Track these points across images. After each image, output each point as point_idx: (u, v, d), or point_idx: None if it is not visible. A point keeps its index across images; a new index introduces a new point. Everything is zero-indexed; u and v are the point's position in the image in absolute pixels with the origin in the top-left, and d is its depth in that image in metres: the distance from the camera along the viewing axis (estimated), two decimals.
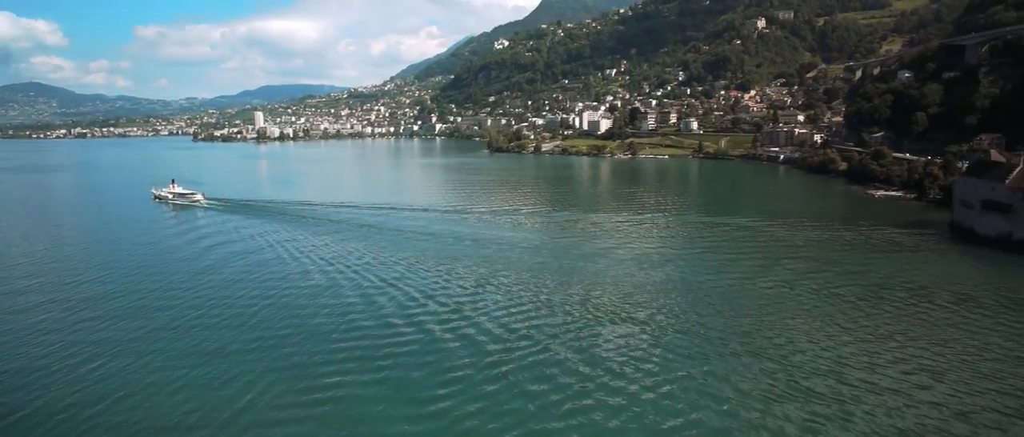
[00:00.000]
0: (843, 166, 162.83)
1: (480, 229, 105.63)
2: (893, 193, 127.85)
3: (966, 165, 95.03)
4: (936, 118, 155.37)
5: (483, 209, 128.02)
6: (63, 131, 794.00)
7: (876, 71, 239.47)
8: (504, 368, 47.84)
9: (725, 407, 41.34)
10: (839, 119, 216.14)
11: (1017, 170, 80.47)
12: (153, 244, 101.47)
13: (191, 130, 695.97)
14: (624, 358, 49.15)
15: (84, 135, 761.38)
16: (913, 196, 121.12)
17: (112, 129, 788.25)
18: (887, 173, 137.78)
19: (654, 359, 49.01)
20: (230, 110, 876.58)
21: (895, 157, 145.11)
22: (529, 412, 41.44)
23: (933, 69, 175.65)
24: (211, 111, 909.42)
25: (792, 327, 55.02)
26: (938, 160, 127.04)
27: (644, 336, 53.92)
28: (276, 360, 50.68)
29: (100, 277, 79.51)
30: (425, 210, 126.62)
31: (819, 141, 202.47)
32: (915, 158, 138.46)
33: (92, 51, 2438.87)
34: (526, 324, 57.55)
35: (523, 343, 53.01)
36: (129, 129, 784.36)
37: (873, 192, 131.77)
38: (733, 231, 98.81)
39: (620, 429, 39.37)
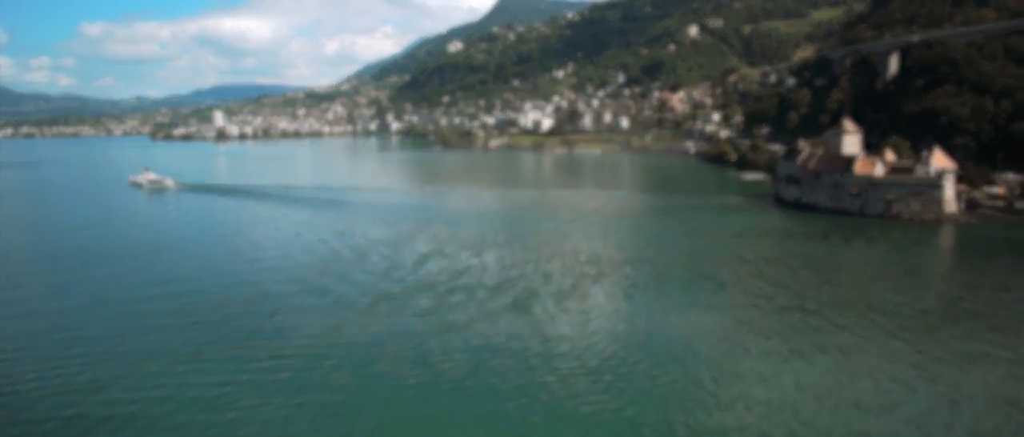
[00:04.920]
0: (734, 156, 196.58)
1: (431, 201, 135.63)
2: (758, 176, 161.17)
3: (784, 151, 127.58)
4: (804, 117, 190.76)
5: (434, 189, 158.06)
6: (9, 131, 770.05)
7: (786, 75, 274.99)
8: (443, 293, 75.97)
9: (610, 292, 70.81)
10: (742, 117, 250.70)
11: (804, 153, 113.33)
12: (134, 215, 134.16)
13: (146, 129, 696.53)
14: (534, 270, 78.81)
15: (32, 135, 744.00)
16: (770, 178, 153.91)
17: (62, 128, 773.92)
18: (758, 161, 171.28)
19: (554, 270, 78.57)
20: (184, 109, 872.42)
21: (768, 149, 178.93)
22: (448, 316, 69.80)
23: (808, 76, 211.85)
24: (164, 110, 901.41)
25: (660, 252, 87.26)
26: None
27: (543, 258, 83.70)
28: (249, 302, 69.29)
29: (89, 242, 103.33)
30: (386, 190, 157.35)
31: (724, 137, 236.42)
32: (780, 148, 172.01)
33: (33, 47, 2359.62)
34: (462, 253, 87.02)
35: (456, 264, 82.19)
36: (80, 128, 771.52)
37: (744, 175, 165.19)
38: (627, 201, 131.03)
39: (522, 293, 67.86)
